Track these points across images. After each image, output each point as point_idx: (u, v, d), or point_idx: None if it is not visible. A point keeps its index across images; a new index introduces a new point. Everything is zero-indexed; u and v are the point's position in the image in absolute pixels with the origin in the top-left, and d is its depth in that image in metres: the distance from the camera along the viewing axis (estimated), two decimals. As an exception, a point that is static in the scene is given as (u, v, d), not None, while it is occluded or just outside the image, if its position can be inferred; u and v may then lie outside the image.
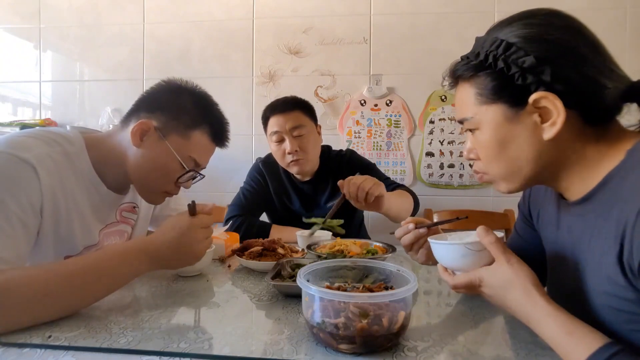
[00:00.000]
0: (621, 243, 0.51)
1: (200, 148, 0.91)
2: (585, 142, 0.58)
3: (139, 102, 0.92)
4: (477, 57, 0.60)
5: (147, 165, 0.88)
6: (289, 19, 2.28)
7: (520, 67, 0.55)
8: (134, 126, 0.86)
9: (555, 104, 0.54)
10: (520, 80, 0.56)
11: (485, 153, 0.64)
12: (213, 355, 0.55)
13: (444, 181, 2.20)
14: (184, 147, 0.88)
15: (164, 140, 0.87)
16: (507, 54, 0.57)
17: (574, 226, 0.62)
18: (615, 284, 0.52)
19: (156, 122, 0.87)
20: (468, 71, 0.62)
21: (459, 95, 0.66)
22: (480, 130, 0.63)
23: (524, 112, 0.57)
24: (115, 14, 2.41)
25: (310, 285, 0.58)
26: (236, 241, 1.20)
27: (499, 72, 0.58)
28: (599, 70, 0.55)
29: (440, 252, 0.70)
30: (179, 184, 0.93)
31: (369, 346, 0.55)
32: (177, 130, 0.88)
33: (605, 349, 0.47)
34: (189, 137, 0.89)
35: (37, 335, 0.61)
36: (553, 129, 0.56)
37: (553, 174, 0.62)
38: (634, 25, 2.03)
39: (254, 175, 1.60)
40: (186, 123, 0.88)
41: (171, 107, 0.89)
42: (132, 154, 0.88)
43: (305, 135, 1.44)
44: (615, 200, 0.53)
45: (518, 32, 0.57)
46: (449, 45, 2.14)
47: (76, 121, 2.42)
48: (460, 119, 0.66)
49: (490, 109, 0.60)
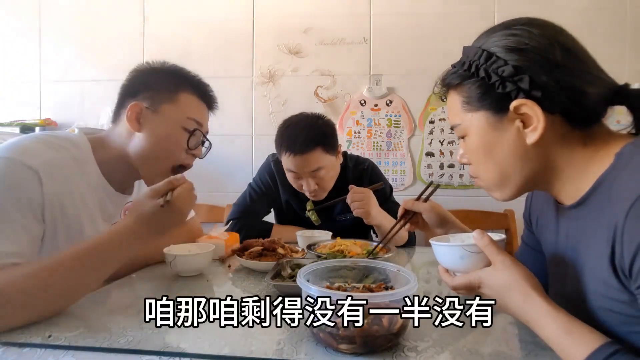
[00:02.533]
0: (612, 245, 0.51)
1: (193, 107, 0.95)
2: (573, 146, 0.59)
3: (120, 95, 0.95)
4: (463, 67, 0.63)
5: (154, 143, 0.90)
6: (289, 19, 2.28)
7: (500, 75, 0.58)
8: (127, 113, 0.88)
9: (535, 110, 0.56)
10: (500, 89, 0.58)
11: (474, 158, 0.67)
12: (213, 355, 0.55)
13: (444, 181, 2.20)
14: (178, 111, 0.92)
15: (158, 113, 0.90)
16: (487, 64, 0.59)
17: (571, 230, 0.63)
18: (610, 287, 0.52)
19: (144, 102, 0.90)
20: (455, 79, 0.65)
21: (449, 103, 0.69)
22: (468, 136, 0.65)
23: (506, 119, 0.60)
24: (115, 14, 2.41)
25: (310, 285, 0.58)
26: (236, 241, 1.20)
27: (482, 81, 0.60)
28: (577, 76, 0.57)
29: (440, 253, 0.71)
30: (190, 152, 0.94)
31: (369, 346, 0.56)
32: (165, 100, 0.91)
33: (604, 348, 0.47)
34: (177, 100, 0.92)
35: (37, 335, 0.61)
36: (535, 134, 0.58)
37: (544, 179, 0.63)
38: (634, 25, 2.04)
39: (264, 177, 1.52)
40: (169, 90, 0.92)
41: (150, 83, 0.92)
42: (135, 141, 0.90)
43: (324, 175, 1.32)
44: (607, 203, 0.54)
45: (498, 42, 0.60)
46: (449, 45, 2.13)
47: (76, 121, 2.41)
48: (452, 125, 0.69)
49: (475, 116, 0.63)
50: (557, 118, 0.57)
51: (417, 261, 1.21)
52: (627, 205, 0.48)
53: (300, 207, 1.51)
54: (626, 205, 0.48)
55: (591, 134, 0.59)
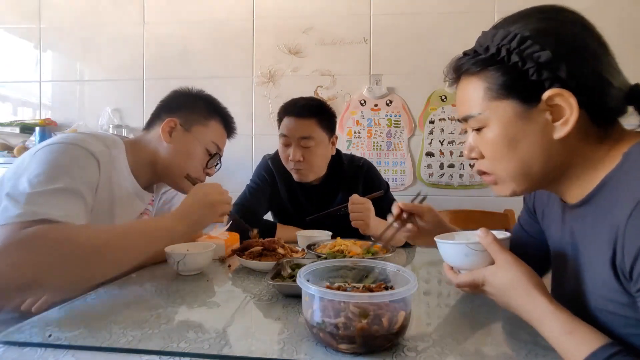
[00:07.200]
0: (614, 247, 0.50)
1: (218, 134, 1.09)
2: (590, 142, 0.57)
3: (158, 108, 1.08)
4: (487, 51, 0.57)
5: (178, 156, 1.02)
6: (289, 19, 2.28)
7: (536, 61, 0.53)
8: (163, 125, 1.01)
9: (570, 102, 0.53)
10: (535, 76, 0.54)
11: (492, 151, 0.61)
12: (213, 355, 0.55)
13: (444, 181, 2.20)
14: (206, 135, 1.06)
15: (189, 132, 1.03)
16: (521, 48, 0.54)
17: (575, 228, 0.62)
18: (610, 288, 0.52)
19: (179, 119, 1.03)
20: (476, 65, 0.59)
21: (463, 92, 0.63)
22: (488, 127, 0.60)
23: (536, 110, 0.55)
24: (115, 14, 2.41)
25: (310, 285, 0.58)
26: (236, 241, 1.20)
27: (510, 67, 0.55)
28: (606, 69, 0.54)
29: (445, 250, 0.71)
30: (205, 170, 1.09)
31: (369, 346, 0.55)
32: (198, 122, 1.05)
33: (605, 349, 0.47)
34: (208, 125, 1.07)
35: (37, 334, 0.61)
36: (565, 127, 0.54)
37: (557, 176, 0.60)
38: (634, 25, 2.03)
39: (261, 174, 1.55)
40: (203, 115, 1.07)
41: (188, 106, 1.06)
42: (164, 150, 1.02)
43: (312, 148, 1.37)
44: (611, 203, 0.53)
45: (532, 26, 0.55)
46: (449, 45, 2.13)
47: (76, 121, 2.42)
48: (465, 116, 0.63)
49: (500, 105, 0.58)
50: (582, 112, 0.54)
51: (417, 261, 1.21)
52: (629, 207, 0.48)
53: (300, 202, 1.52)
54: (629, 207, 0.48)
55: (607, 131, 0.57)
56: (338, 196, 1.49)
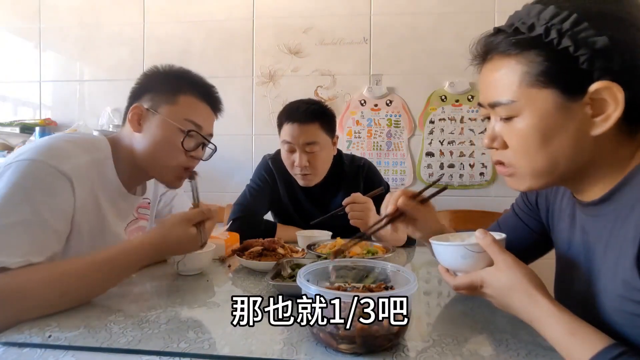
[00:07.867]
0: (639, 245, 0.48)
1: (192, 109, 0.93)
2: (619, 140, 0.53)
3: (129, 98, 0.97)
4: (532, 30, 0.50)
5: (153, 143, 0.91)
6: (289, 19, 2.28)
7: (591, 48, 0.46)
8: (129, 115, 0.91)
9: (617, 97, 0.47)
10: (586, 65, 0.47)
11: (520, 144, 0.55)
12: (213, 355, 0.55)
13: (443, 181, 2.20)
14: (176, 112, 0.91)
15: (157, 115, 0.91)
16: (575, 30, 0.47)
17: (588, 227, 0.60)
18: (631, 288, 0.50)
19: (145, 104, 0.92)
20: (515, 47, 0.52)
21: (492, 75, 0.56)
22: (520, 117, 0.53)
23: (578, 102, 0.50)
24: (115, 14, 2.41)
25: (310, 285, 0.58)
26: (236, 241, 1.20)
27: (559, 52, 0.48)
28: None
29: (441, 252, 0.70)
30: (190, 155, 0.94)
31: (369, 346, 0.55)
32: (165, 101, 0.92)
33: (609, 350, 0.46)
34: (176, 102, 0.92)
35: (37, 335, 0.61)
36: (605, 124, 0.49)
37: (579, 174, 0.56)
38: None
39: (262, 174, 1.54)
40: (170, 91, 0.92)
41: (152, 86, 0.94)
42: (137, 142, 0.92)
43: (317, 152, 1.35)
44: (635, 201, 0.50)
45: (588, 5, 0.48)
46: (449, 45, 2.13)
47: (76, 121, 2.41)
48: (493, 102, 0.56)
49: (539, 94, 0.51)
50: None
51: (417, 261, 1.21)
52: None
53: (300, 202, 1.52)
54: None
55: (637, 129, 0.53)
56: (338, 196, 1.49)
